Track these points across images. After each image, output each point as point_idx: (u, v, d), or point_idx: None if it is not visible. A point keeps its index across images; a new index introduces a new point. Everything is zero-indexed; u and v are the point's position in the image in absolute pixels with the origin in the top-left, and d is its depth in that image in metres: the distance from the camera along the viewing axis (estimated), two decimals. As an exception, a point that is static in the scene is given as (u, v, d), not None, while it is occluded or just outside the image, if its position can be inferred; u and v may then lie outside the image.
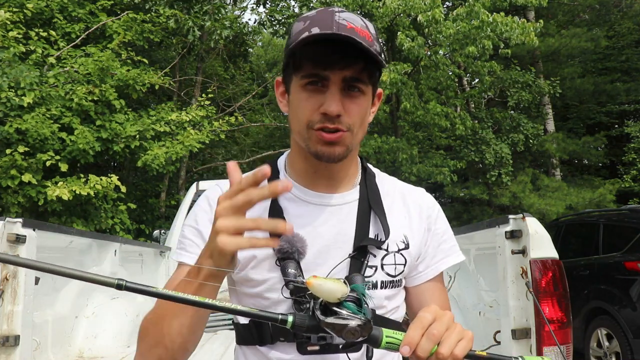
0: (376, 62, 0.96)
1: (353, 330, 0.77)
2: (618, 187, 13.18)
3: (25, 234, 2.37)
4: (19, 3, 8.64)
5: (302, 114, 0.98)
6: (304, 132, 0.98)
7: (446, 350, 0.76)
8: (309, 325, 0.79)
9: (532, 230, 2.37)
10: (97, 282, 0.69)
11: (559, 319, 2.30)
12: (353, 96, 0.97)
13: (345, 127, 0.96)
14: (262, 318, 0.78)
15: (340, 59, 0.93)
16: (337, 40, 0.91)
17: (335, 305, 0.78)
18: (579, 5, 15.17)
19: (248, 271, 1.03)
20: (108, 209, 8.20)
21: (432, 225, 1.13)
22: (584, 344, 5.41)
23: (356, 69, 0.95)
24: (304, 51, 0.95)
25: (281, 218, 1.02)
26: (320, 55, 0.94)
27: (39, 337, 2.58)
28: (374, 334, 0.80)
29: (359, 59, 0.94)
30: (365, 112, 1.01)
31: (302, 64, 0.96)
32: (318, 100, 0.96)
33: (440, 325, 0.78)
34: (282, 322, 0.77)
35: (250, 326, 1.04)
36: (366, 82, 0.98)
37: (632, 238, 5.16)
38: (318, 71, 0.95)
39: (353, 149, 1.02)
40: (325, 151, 0.97)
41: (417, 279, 1.12)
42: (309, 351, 0.99)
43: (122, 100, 8.62)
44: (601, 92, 15.10)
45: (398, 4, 9.93)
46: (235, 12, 13.57)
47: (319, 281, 0.77)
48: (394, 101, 12.12)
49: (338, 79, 0.95)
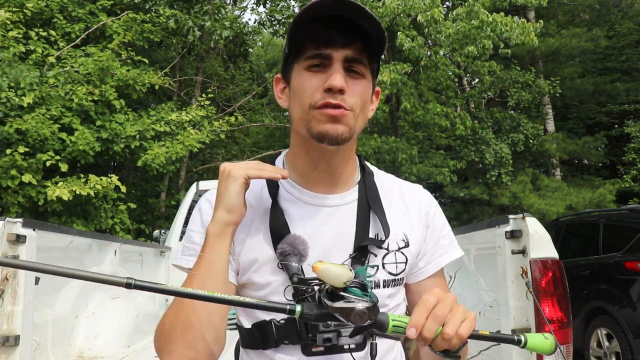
0: (379, 38, 0.97)
1: (361, 313, 0.78)
2: (618, 187, 13.18)
3: (25, 234, 2.37)
4: (19, 3, 8.63)
5: (305, 93, 0.98)
6: (306, 114, 0.98)
7: (451, 330, 0.78)
8: (317, 313, 0.80)
9: (532, 230, 2.37)
10: (106, 282, 0.69)
11: (559, 319, 2.30)
12: (355, 78, 0.98)
13: (347, 105, 0.97)
14: (270, 309, 0.78)
15: (341, 37, 0.95)
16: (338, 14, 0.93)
17: (342, 291, 0.79)
18: (579, 5, 15.16)
19: (250, 274, 1.03)
20: (108, 209, 8.20)
21: (431, 221, 1.14)
22: (584, 344, 5.40)
23: (357, 48, 0.97)
24: (304, 32, 0.97)
25: (282, 220, 1.03)
26: (322, 34, 0.96)
27: (39, 337, 2.58)
28: (380, 318, 0.80)
29: (359, 38, 0.96)
30: (366, 97, 1.02)
31: (304, 45, 0.98)
32: (321, 78, 0.97)
33: (444, 307, 0.79)
34: (290, 312, 0.78)
35: (253, 330, 1.04)
36: (366, 65, 0.99)
37: (632, 238, 5.15)
38: (320, 50, 0.96)
39: (354, 134, 1.02)
40: (330, 129, 0.96)
41: (418, 276, 1.12)
42: (313, 352, 0.99)
43: (122, 100, 8.62)
44: (601, 92, 15.10)
45: (398, 4, 9.93)
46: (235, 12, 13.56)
47: (326, 265, 0.78)
48: (394, 101, 12.12)
49: (340, 57, 0.96)
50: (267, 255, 1.01)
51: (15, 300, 2.31)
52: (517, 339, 0.85)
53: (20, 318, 2.31)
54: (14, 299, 2.31)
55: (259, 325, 1.03)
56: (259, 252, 1.02)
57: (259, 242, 1.03)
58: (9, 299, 2.30)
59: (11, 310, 2.30)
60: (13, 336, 2.27)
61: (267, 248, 1.02)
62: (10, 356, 2.26)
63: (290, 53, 1.02)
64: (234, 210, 0.96)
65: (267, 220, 1.04)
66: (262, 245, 1.02)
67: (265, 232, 1.03)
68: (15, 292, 2.31)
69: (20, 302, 2.32)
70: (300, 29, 0.97)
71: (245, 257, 1.02)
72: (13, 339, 2.27)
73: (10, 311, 2.29)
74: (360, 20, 0.94)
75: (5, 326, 2.28)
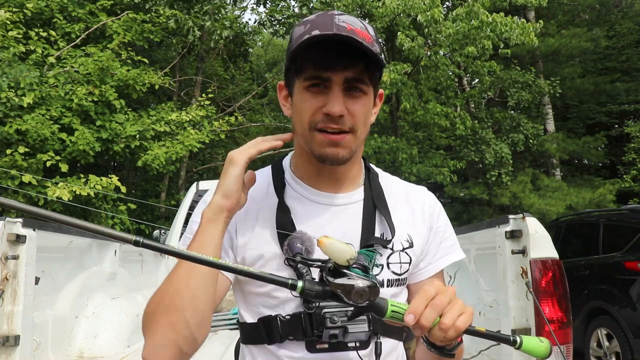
0: (376, 62, 0.97)
1: (361, 291, 0.78)
2: (618, 187, 13.17)
3: (25, 234, 2.37)
4: (19, 3, 8.63)
5: (305, 114, 0.99)
6: (307, 134, 0.99)
7: (449, 320, 0.78)
8: (318, 290, 0.80)
9: (532, 230, 2.37)
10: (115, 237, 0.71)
11: (559, 319, 2.30)
12: (355, 97, 0.98)
13: (347, 127, 0.97)
14: (272, 281, 0.79)
15: (340, 60, 0.95)
16: (337, 42, 0.92)
17: (344, 269, 0.80)
18: (579, 5, 15.15)
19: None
20: (108, 209, 8.20)
21: (434, 223, 1.14)
22: (584, 344, 5.40)
23: (357, 70, 0.96)
24: (305, 54, 0.96)
25: (288, 217, 1.04)
26: (321, 57, 0.95)
27: (39, 337, 2.58)
28: (379, 302, 0.81)
29: (359, 60, 0.95)
30: (367, 113, 1.02)
31: (303, 66, 0.98)
32: (320, 100, 0.97)
33: (444, 297, 0.80)
34: (292, 287, 0.78)
35: (258, 325, 1.04)
36: (367, 82, 0.99)
37: (632, 238, 5.16)
38: (319, 73, 0.96)
39: (357, 150, 1.04)
40: (330, 153, 0.98)
41: (418, 276, 1.13)
42: (318, 349, 0.99)
43: (122, 100, 8.62)
44: (601, 92, 15.10)
45: (398, 4, 9.92)
46: (235, 12, 13.55)
47: (331, 240, 0.79)
48: (394, 101, 12.12)
49: (340, 80, 0.96)
50: (273, 252, 1.02)
51: (15, 300, 2.31)
52: (512, 340, 0.85)
53: (20, 318, 2.31)
54: (14, 299, 2.31)
55: (264, 320, 1.03)
56: (264, 249, 1.02)
57: (265, 239, 1.03)
58: (9, 299, 2.30)
59: (11, 310, 2.30)
60: (13, 336, 2.27)
61: (273, 245, 1.02)
62: (10, 356, 2.26)
63: (291, 67, 1.02)
64: (230, 195, 0.95)
65: (274, 217, 1.04)
66: (269, 242, 1.03)
67: (271, 229, 1.04)
68: (15, 292, 2.31)
69: (20, 302, 2.32)
70: (300, 51, 0.96)
71: (251, 253, 1.03)
72: (13, 339, 2.27)
73: (10, 311, 2.29)
74: (358, 43, 0.93)
75: (5, 326, 2.28)
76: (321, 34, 0.92)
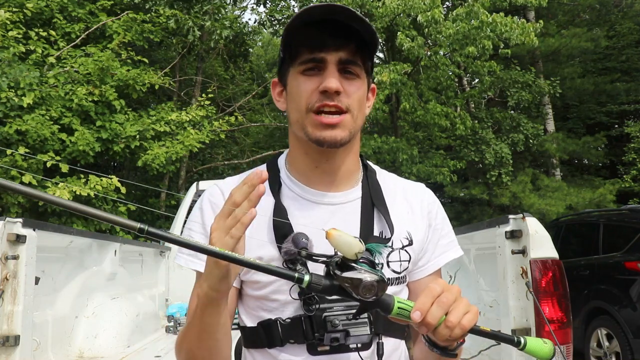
0: (369, 44, 0.99)
1: (369, 285, 0.77)
2: (618, 187, 13.16)
3: (25, 234, 2.37)
4: (18, 3, 8.62)
5: (301, 97, 0.99)
6: (303, 118, 0.99)
7: (455, 318, 0.78)
8: (325, 284, 0.78)
9: (532, 230, 2.37)
10: (120, 224, 0.71)
11: (559, 319, 2.30)
12: (350, 79, 1.00)
13: (344, 106, 0.98)
14: (279, 274, 0.78)
15: (334, 40, 0.97)
16: (330, 21, 0.95)
17: (352, 262, 0.79)
18: (579, 5, 15.15)
19: (254, 273, 1.02)
20: (108, 210, 8.20)
21: (433, 220, 1.14)
22: (584, 344, 5.40)
23: (350, 50, 0.98)
24: (298, 37, 0.98)
25: (285, 218, 1.03)
26: (314, 39, 0.97)
27: (39, 337, 2.58)
28: (386, 299, 0.80)
29: (351, 40, 0.97)
30: (362, 97, 1.03)
31: (297, 51, 0.99)
32: (316, 82, 0.98)
33: (450, 295, 0.80)
34: (298, 281, 0.77)
35: (258, 329, 1.03)
36: (360, 65, 1.01)
37: (632, 238, 5.15)
38: (314, 54, 0.97)
39: (355, 135, 1.03)
40: (327, 135, 0.98)
41: (416, 274, 1.12)
42: (319, 352, 0.99)
43: (122, 100, 8.62)
44: (601, 92, 15.09)
45: (398, 4, 9.92)
46: (235, 12, 13.55)
47: (339, 232, 0.78)
48: (394, 101, 12.11)
49: (334, 60, 0.97)
50: (271, 254, 1.01)
51: (15, 300, 2.31)
52: (516, 340, 0.85)
53: (20, 318, 2.30)
54: (14, 299, 2.31)
55: (264, 324, 1.02)
56: (262, 251, 1.01)
57: (262, 241, 1.03)
58: (9, 299, 2.30)
59: (11, 310, 2.30)
60: (13, 336, 2.27)
61: (271, 247, 1.02)
62: (10, 356, 2.26)
63: (285, 57, 1.03)
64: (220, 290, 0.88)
65: (271, 219, 1.03)
66: (266, 244, 1.02)
67: (268, 231, 1.03)
68: (15, 292, 2.31)
69: (20, 302, 2.31)
70: (294, 34, 0.98)
71: (249, 255, 1.02)
72: (13, 339, 2.27)
73: (10, 311, 2.29)
74: (351, 22, 0.95)
75: (5, 326, 2.28)
76: (315, 5, 0.94)
